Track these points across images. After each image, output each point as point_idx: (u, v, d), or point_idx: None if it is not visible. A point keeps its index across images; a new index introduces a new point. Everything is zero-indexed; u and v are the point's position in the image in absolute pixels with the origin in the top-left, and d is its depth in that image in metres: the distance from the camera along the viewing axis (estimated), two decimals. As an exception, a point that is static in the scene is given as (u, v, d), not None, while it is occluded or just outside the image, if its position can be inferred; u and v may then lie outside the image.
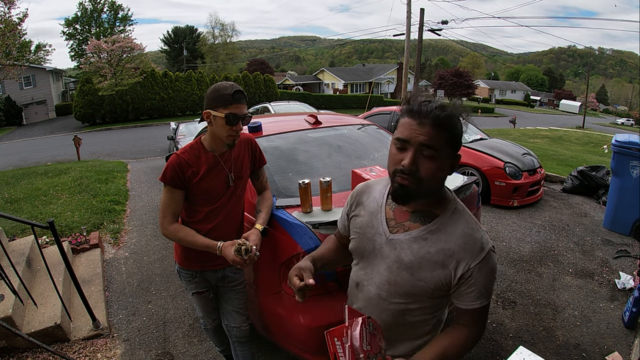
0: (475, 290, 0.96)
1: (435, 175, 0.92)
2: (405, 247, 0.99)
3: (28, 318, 2.38)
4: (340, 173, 2.16)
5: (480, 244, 0.96)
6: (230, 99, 1.46)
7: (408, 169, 0.90)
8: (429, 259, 0.96)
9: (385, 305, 1.03)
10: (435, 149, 0.89)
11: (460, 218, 0.99)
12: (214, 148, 1.57)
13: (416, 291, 0.99)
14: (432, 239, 0.97)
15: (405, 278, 0.99)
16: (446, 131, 0.90)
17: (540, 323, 2.63)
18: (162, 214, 1.54)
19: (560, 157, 8.38)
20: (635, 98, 69.09)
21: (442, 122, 0.89)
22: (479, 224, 1.01)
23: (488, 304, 1.00)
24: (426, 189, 0.94)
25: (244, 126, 1.55)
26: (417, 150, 0.90)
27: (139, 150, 11.69)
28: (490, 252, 0.97)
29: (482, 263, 0.95)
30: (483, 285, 0.96)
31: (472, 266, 0.95)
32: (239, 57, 49.87)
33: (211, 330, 1.94)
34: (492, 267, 0.97)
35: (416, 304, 1.01)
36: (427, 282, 0.97)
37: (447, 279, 0.96)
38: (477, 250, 0.95)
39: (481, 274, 0.95)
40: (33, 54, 18.37)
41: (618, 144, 3.94)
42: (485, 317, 1.02)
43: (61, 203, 4.81)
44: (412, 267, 0.98)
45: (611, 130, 26.36)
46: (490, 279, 0.97)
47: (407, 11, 14.38)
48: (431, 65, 77.92)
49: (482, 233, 0.98)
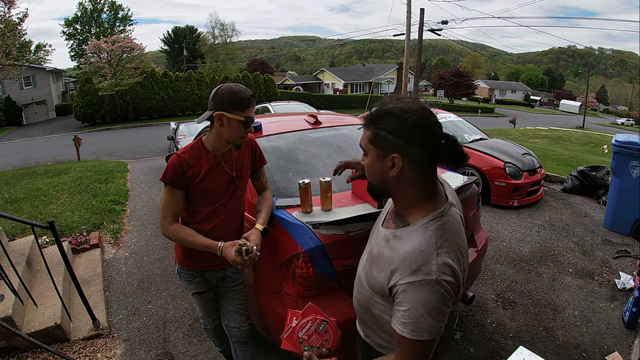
0: (400, 312, 0.87)
1: (369, 171, 0.98)
2: (378, 241, 1.03)
3: (28, 318, 2.38)
4: (341, 173, 2.16)
5: (418, 267, 0.85)
6: (248, 103, 1.49)
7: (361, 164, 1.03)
8: (380, 260, 0.97)
9: (360, 288, 1.09)
10: (363, 148, 0.98)
11: (422, 235, 0.90)
12: (215, 148, 1.58)
13: (370, 284, 1.01)
14: (391, 243, 0.96)
15: (367, 268, 1.04)
16: (368, 129, 0.95)
17: (540, 323, 2.63)
18: (163, 214, 1.54)
19: (560, 157, 8.38)
20: (635, 98, 69.10)
21: (365, 122, 0.96)
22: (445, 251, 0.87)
23: (414, 341, 0.85)
24: (371, 183, 1.01)
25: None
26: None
27: (139, 150, 11.69)
28: (427, 282, 0.83)
29: (409, 286, 0.85)
30: (408, 313, 0.85)
31: (398, 283, 0.87)
32: (239, 57, 49.90)
33: (211, 330, 1.94)
34: (423, 300, 0.83)
35: (377, 297, 1.00)
36: (373, 279, 0.99)
37: (383, 284, 0.93)
38: (410, 270, 0.85)
39: (406, 297, 0.85)
40: (33, 54, 18.39)
41: (618, 144, 3.94)
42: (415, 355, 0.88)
43: (61, 203, 4.81)
44: (372, 261, 1.02)
45: (611, 130, 26.37)
46: (419, 313, 0.83)
47: (407, 11, 14.38)
48: (431, 65, 77.95)
49: (433, 260, 0.85)
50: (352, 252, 1.72)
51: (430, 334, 0.84)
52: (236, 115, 1.47)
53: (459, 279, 0.87)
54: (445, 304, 0.84)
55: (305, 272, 1.65)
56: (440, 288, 0.83)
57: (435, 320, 0.84)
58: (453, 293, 0.85)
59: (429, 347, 0.87)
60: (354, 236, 1.70)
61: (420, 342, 0.85)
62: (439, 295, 0.83)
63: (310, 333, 1.08)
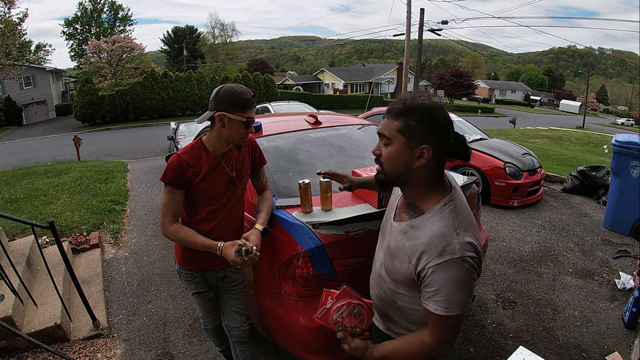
0: (430, 292, 0.95)
1: (390, 161, 1.01)
2: (394, 235, 1.08)
3: (28, 318, 2.38)
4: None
5: (443, 248, 0.93)
6: (249, 104, 1.50)
7: (374, 154, 1.05)
8: (402, 252, 1.03)
9: (382, 283, 1.14)
10: (386, 137, 1.00)
11: (439, 219, 0.98)
12: (216, 148, 1.58)
13: (394, 277, 1.07)
14: (409, 234, 1.02)
15: (388, 262, 1.09)
16: (397, 120, 0.98)
17: (540, 323, 2.63)
18: (163, 214, 1.55)
19: (560, 157, 8.37)
20: (635, 98, 69.08)
21: (391, 112, 1.00)
22: (460, 231, 0.95)
23: (448, 317, 0.94)
24: (387, 174, 1.03)
25: None
26: (380, 140, 1.04)
27: (139, 150, 11.68)
28: (454, 261, 0.92)
29: (438, 267, 0.92)
30: (439, 291, 0.93)
31: (427, 266, 0.94)
32: (239, 57, 49.87)
33: (211, 330, 1.94)
34: (452, 277, 0.92)
35: (402, 290, 1.07)
36: (398, 271, 1.04)
37: (410, 273, 1.00)
38: (436, 252, 0.93)
39: (436, 277, 0.93)
40: (33, 54, 18.39)
41: (618, 144, 3.94)
42: (446, 329, 0.97)
43: (61, 203, 4.81)
44: (392, 254, 1.07)
45: (611, 130, 26.35)
46: (450, 290, 0.92)
47: (407, 11, 14.38)
48: (431, 65, 77.91)
49: (455, 239, 0.93)
50: (352, 252, 1.73)
51: (460, 309, 0.94)
52: (237, 116, 1.47)
53: (479, 253, 0.96)
54: (471, 278, 0.94)
55: (305, 272, 1.65)
56: (466, 264, 0.92)
57: (464, 294, 0.93)
58: (477, 267, 0.95)
59: (460, 320, 0.96)
60: (354, 236, 1.70)
61: (453, 317, 0.94)
62: (465, 271, 0.92)
63: (344, 316, 1.09)
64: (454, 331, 0.99)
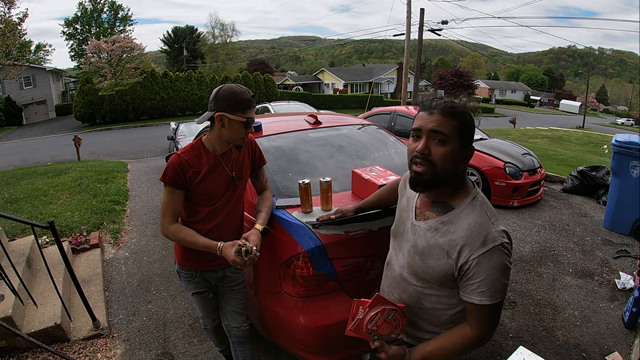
0: (475, 284, 0.97)
1: (445, 160, 0.98)
2: (422, 234, 1.06)
3: (28, 318, 2.38)
4: (341, 173, 2.16)
5: (485, 238, 0.96)
6: (249, 104, 1.49)
7: (421, 153, 0.99)
8: (436, 248, 1.02)
9: (406, 286, 1.12)
10: (444, 134, 0.97)
11: (473, 211, 1.01)
12: (216, 148, 1.58)
13: (426, 277, 1.06)
14: (442, 230, 1.02)
15: (418, 262, 1.07)
16: (454, 119, 0.98)
17: (540, 323, 2.63)
18: (162, 214, 1.55)
19: (560, 157, 8.37)
20: (635, 98, 69.06)
21: (448, 111, 0.98)
22: (493, 219, 1.00)
23: (493, 305, 0.97)
24: (440, 174, 1.00)
25: None
26: (428, 137, 0.99)
27: (139, 150, 11.68)
28: (497, 248, 0.95)
29: (483, 257, 0.95)
30: (484, 281, 0.95)
31: (470, 258, 0.96)
32: (239, 57, 49.85)
33: (211, 330, 1.94)
34: (496, 264, 0.95)
35: (430, 290, 1.07)
36: (434, 269, 1.03)
37: (450, 268, 1.00)
38: (479, 243, 0.96)
39: (481, 268, 0.95)
40: (33, 54, 18.39)
41: (618, 144, 3.93)
42: (490, 319, 1.00)
43: (61, 203, 4.81)
44: (423, 253, 1.05)
45: (611, 130, 26.35)
46: (494, 277, 0.95)
47: (407, 11, 14.38)
48: (431, 65, 77.89)
49: (492, 228, 0.98)
50: (352, 252, 1.73)
51: (502, 294, 0.98)
52: (237, 116, 1.47)
53: (511, 239, 1.01)
54: (510, 262, 0.99)
55: (305, 272, 1.65)
56: (505, 249, 0.97)
57: (506, 279, 0.98)
58: (511, 252, 1.00)
59: (500, 307, 1.00)
60: (354, 236, 1.70)
61: (496, 305, 0.97)
62: (505, 257, 0.97)
63: (379, 324, 1.05)
64: (497, 318, 1.02)
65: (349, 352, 1.74)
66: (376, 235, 1.73)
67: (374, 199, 1.59)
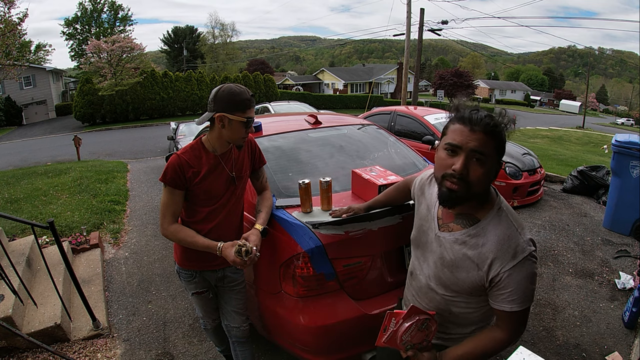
0: (505, 294, 0.98)
1: (482, 180, 0.97)
2: (448, 246, 1.05)
3: (28, 318, 2.38)
4: (341, 173, 2.16)
5: (515, 250, 0.97)
6: (249, 104, 1.49)
7: (459, 173, 0.95)
8: (465, 261, 1.02)
9: (433, 295, 1.12)
10: (485, 155, 0.95)
11: (500, 223, 1.01)
12: (216, 149, 1.58)
13: (456, 288, 1.06)
14: (470, 243, 1.02)
15: (447, 275, 1.06)
16: (495, 139, 0.96)
17: (540, 323, 2.63)
18: (162, 215, 1.55)
19: (560, 157, 8.37)
20: (635, 98, 69.04)
21: (492, 130, 0.95)
22: (520, 228, 1.01)
23: (522, 311, 0.99)
24: (473, 193, 0.98)
25: None
26: (468, 156, 0.95)
27: (139, 150, 11.68)
28: (527, 259, 0.96)
29: (514, 269, 0.96)
30: (515, 290, 0.96)
31: (502, 271, 0.96)
32: (239, 57, 49.83)
33: (211, 330, 1.94)
34: (527, 274, 0.97)
35: (460, 298, 1.07)
36: (464, 281, 1.03)
37: (480, 280, 1.00)
38: (510, 255, 0.96)
39: (512, 279, 0.96)
40: (33, 54, 18.38)
41: (618, 144, 3.93)
42: (519, 322, 1.02)
43: (61, 203, 4.81)
44: (452, 265, 1.05)
45: (611, 130, 26.35)
46: (525, 286, 0.97)
47: (407, 11, 14.38)
48: (431, 65, 77.90)
49: (520, 238, 0.98)
50: (352, 252, 1.73)
51: (531, 299, 1.00)
52: (237, 116, 1.47)
53: (536, 244, 1.02)
54: (537, 269, 1.00)
55: (305, 272, 1.65)
56: (533, 258, 0.98)
57: (534, 285, 0.99)
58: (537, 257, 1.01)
59: (529, 309, 1.02)
60: (354, 236, 1.70)
61: (526, 310, 0.99)
62: (534, 265, 0.98)
63: (413, 334, 1.05)
64: (525, 321, 1.03)
65: (349, 352, 1.74)
66: (376, 235, 1.73)
67: (383, 197, 1.61)
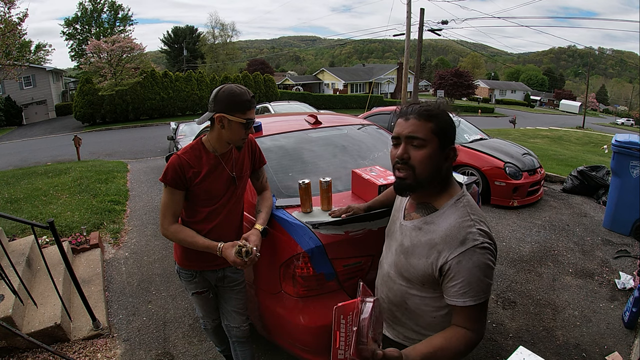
0: (457, 286, 0.95)
1: (425, 163, 1.00)
2: (407, 233, 1.09)
3: (28, 318, 2.38)
4: (341, 173, 2.16)
5: (464, 238, 0.96)
6: (249, 105, 1.49)
7: (400, 158, 1.01)
8: (418, 248, 1.04)
9: (392, 284, 1.14)
10: (421, 139, 0.99)
11: (455, 212, 1.01)
12: (216, 149, 1.57)
13: (409, 275, 1.07)
14: (424, 229, 1.05)
15: (402, 261, 1.09)
16: (429, 122, 1.00)
17: (540, 323, 2.63)
18: (163, 215, 1.54)
19: (560, 157, 8.37)
20: (635, 98, 69.03)
21: (423, 114, 1.00)
22: (476, 220, 0.99)
23: (478, 305, 0.95)
24: (421, 177, 1.01)
25: None
26: (406, 143, 1.01)
27: (139, 150, 11.68)
28: (477, 248, 0.94)
29: (462, 257, 0.94)
30: (466, 282, 0.94)
31: (450, 258, 0.96)
32: (239, 57, 49.84)
33: (211, 330, 1.94)
34: (477, 264, 0.94)
35: (413, 290, 1.08)
36: (415, 268, 1.05)
37: (430, 268, 1.01)
38: (457, 242, 0.96)
39: (462, 268, 0.94)
40: (33, 54, 18.37)
41: (618, 144, 3.93)
42: (478, 319, 0.98)
43: (61, 203, 4.81)
44: (407, 252, 1.07)
45: (611, 130, 26.35)
46: (477, 277, 0.94)
47: (407, 11, 14.38)
48: (431, 65, 77.91)
49: (473, 228, 0.97)
50: (352, 252, 1.73)
51: (486, 294, 0.97)
52: (237, 117, 1.47)
53: (495, 242, 1.00)
54: (493, 263, 0.97)
55: (305, 272, 1.65)
56: (486, 251, 0.96)
57: (489, 279, 0.96)
58: (495, 253, 0.99)
59: (486, 307, 0.99)
60: (354, 236, 1.70)
61: (480, 305, 0.96)
62: (487, 255, 0.96)
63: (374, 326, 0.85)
64: (483, 318, 1.00)
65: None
66: (376, 235, 1.73)
67: (383, 197, 1.62)
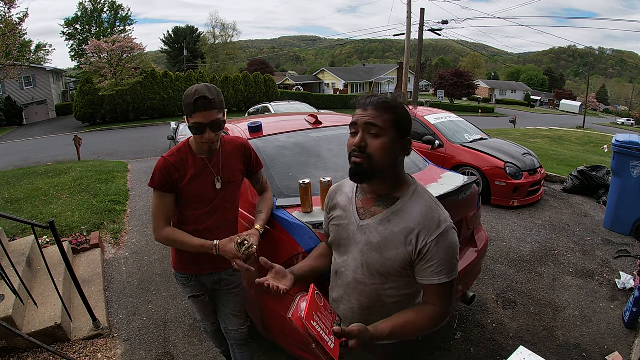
0: (433, 266, 1.02)
1: (383, 152, 1.02)
2: (373, 230, 1.08)
3: (28, 318, 2.38)
4: (341, 173, 2.16)
5: (438, 221, 1.03)
6: (193, 108, 1.39)
7: (358, 145, 1.03)
8: (393, 238, 1.05)
9: (362, 287, 1.12)
10: (379, 127, 1.02)
11: (419, 198, 1.07)
12: (199, 152, 1.54)
13: (386, 270, 1.08)
14: (395, 220, 1.06)
15: (375, 258, 1.08)
16: (387, 113, 1.02)
17: (540, 323, 2.63)
18: (155, 219, 1.51)
19: (561, 157, 8.37)
20: (636, 98, 69.00)
21: (381, 105, 1.03)
22: (438, 204, 1.09)
23: (449, 283, 1.03)
24: (377, 166, 1.03)
25: (216, 132, 1.45)
26: (364, 130, 1.03)
27: (139, 150, 11.68)
28: (449, 229, 1.03)
29: (439, 238, 1.02)
30: (442, 261, 1.02)
31: (429, 241, 1.01)
32: (239, 57, 49.83)
33: (211, 332, 1.93)
34: (450, 243, 1.03)
35: (389, 283, 1.10)
36: (394, 260, 1.06)
37: (409, 255, 1.04)
38: (434, 225, 1.02)
39: (439, 248, 1.01)
40: (33, 54, 18.35)
41: (618, 144, 3.93)
42: (448, 296, 1.05)
43: (61, 203, 4.81)
44: (380, 247, 1.07)
45: (611, 130, 26.35)
46: (450, 256, 1.03)
47: (408, 11, 14.37)
48: (431, 65, 77.90)
49: (440, 212, 1.06)
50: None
51: (456, 272, 1.05)
52: (189, 120, 1.43)
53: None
54: (458, 244, 1.07)
55: (306, 272, 1.65)
56: (455, 230, 1.05)
57: (457, 259, 1.06)
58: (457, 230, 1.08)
59: (455, 284, 1.07)
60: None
61: (452, 282, 1.04)
62: (456, 237, 1.05)
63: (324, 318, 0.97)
64: (455, 293, 1.08)
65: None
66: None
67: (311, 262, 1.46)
